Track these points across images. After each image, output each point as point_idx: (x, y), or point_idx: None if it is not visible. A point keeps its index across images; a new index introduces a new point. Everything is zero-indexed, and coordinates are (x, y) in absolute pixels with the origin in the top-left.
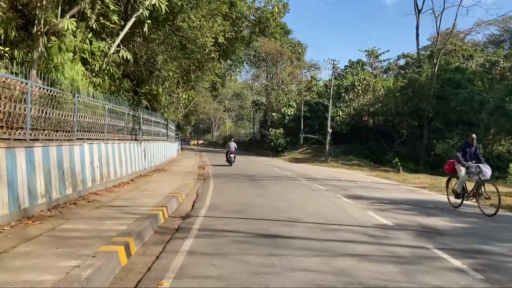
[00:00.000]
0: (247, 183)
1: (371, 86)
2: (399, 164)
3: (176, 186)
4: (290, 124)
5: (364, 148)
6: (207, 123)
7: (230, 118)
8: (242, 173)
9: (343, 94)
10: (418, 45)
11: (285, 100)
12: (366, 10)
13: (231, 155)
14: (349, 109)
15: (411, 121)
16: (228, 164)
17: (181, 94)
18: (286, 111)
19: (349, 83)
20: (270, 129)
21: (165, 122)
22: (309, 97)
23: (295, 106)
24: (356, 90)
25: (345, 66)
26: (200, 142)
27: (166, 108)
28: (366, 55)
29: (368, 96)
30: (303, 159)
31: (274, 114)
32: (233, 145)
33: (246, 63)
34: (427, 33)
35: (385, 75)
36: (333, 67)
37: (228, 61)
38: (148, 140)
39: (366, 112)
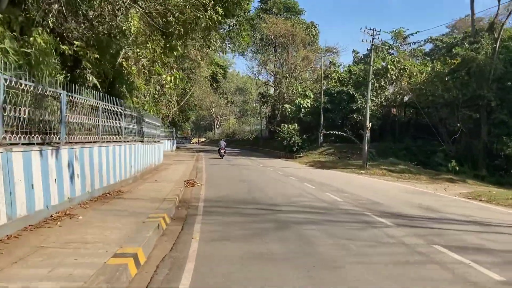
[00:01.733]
0: (274, 233)
1: (407, 71)
2: (457, 168)
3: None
4: (306, 118)
5: (400, 148)
6: (209, 120)
7: (233, 114)
8: (255, 195)
9: (372, 81)
10: (473, 13)
11: (299, 90)
12: None
13: (221, 151)
14: (379, 99)
15: (468, 112)
16: (220, 157)
17: (164, 76)
18: (301, 102)
19: (379, 67)
20: (282, 124)
21: (140, 116)
22: (328, 86)
23: (312, 97)
24: (389, 75)
25: (368, 49)
26: (202, 140)
27: (145, 97)
28: (392, 37)
29: (403, 83)
30: (329, 163)
31: (287, 106)
32: (223, 143)
33: (251, 49)
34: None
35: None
36: (373, 38)
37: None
38: (93, 142)
39: (400, 102)
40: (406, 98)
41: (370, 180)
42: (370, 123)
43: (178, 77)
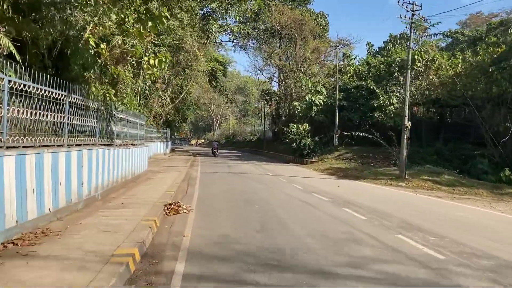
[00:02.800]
0: None
1: (436, 63)
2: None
3: None
4: (318, 117)
5: (430, 152)
6: (208, 121)
7: (233, 114)
8: (276, 239)
9: (395, 74)
10: None
11: (310, 85)
12: None
13: (214, 150)
14: (403, 95)
15: None
16: (213, 155)
17: (146, 58)
18: (313, 99)
19: (403, 58)
20: (291, 124)
21: (107, 109)
22: (343, 81)
23: (325, 93)
24: (416, 67)
25: (384, 42)
26: (201, 141)
27: (131, 90)
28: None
29: (431, 77)
30: (351, 170)
31: (296, 103)
32: (215, 143)
33: (253, 43)
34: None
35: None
36: (412, 15)
37: None
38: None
39: (426, 99)
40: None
41: (431, 201)
42: (409, 122)
43: (164, 60)
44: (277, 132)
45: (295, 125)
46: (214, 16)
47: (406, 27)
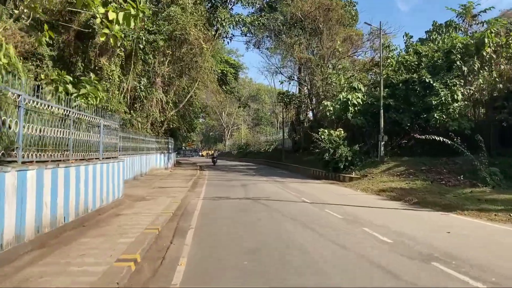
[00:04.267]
0: None
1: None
2: None
3: None
4: (356, 121)
5: None
6: (219, 130)
7: (245, 123)
8: None
9: (457, 63)
10: None
11: (342, 82)
12: None
13: (214, 159)
14: (469, 90)
15: None
16: (212, 164)
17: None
18: (349, 97)
19: (468, 43)
20: (321, 130)
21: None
22: (388, 74)
23: (363, 90)
24: (485, 53)
25: (426, 31)
26: (211, 152)
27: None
28: (458, 15)
29: (502, 66)
30: (424, 193)
31: (327, 103)
32: (215, 154)
33: (269, 40)
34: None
35: None
36: None
37: None
38: None
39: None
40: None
41: None
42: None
43: (134, 13)
44: (297, 141)
45: (326, 131)
46: (224, 3)
47: (457, 11)
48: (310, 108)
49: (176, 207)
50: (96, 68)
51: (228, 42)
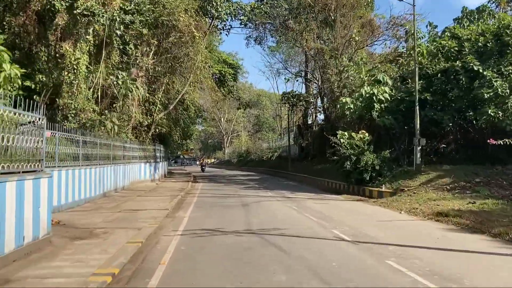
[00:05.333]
0: None
1: None
2: None
3: None
4: (383, 121)
5: None
6: (218, 138)
7: (246, 130)
8: None
9: None
10: None
11: (363, 75)
12: None
13: (203, 167)
14: None
15: None
16: (201, 171)
17: None
18: (374, 91)
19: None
20: (340, 133)
21: None
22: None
23: (390, 83)
24: None
25: (454, 19)
26: (210, 161)
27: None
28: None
29: None
30: (506, 218)
31: (347, 99)
32: (204, 163)
33: (271, 32)
34: None
35: None
36: None
37: None
38: None
39: None
40: None
41: None
42: None
43: None
44: (305, 147)
45: (345, 133)
46: None
47: None
48: (321, 108)
49: (130, 255)
50: (57, 55)
51: (226, 34)
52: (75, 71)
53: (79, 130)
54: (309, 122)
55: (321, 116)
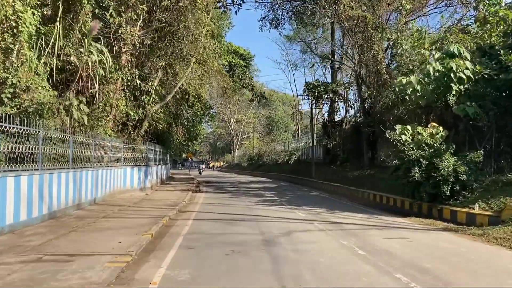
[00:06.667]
0: None
1: None
2: None
3: None
4: (467, 110)
5: None
6: (227, 139)
7: (256, 131)
8: None
9: None
10: None
11: (426, 47)
12: None
13: (201, 170)
14: None
15: None
16: (199, 174)
17: None
18: (452, 67)
19: None
20: (400, 127)
21: None
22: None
23: (469, 57)
24: None
25: None
26: (218, 164)
27: None
28: None
29: None
30: None
31: (411, 78)
32: (201, 166)
33: (290, 13)
34: None
35: None
36: None
37: None
38: None
39: None
40: None
41: None
42: None
43: None
44: (331, 149)
45: (408, 127)
46: None
47: None
48: (358, 99)
49: None
50: None
51: (235, 12)
52: (15, 30)
53: (19, 117)
54: (335, 119)
55: (351, 112)
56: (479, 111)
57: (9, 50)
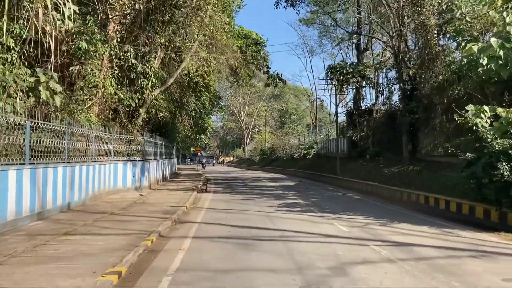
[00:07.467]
0: None
1: None
2: None
3: None
4: None
5: None
6: (237, 133)
7: (268, 125)
8: None
9: None
10: None
11: (498, 4)
12: None
13: (203, 165)
14: None
15: None
16: (202, 168)
17: None
18: None
19: None
20: (472, 107)
21: None
22: None
23: None
24: None
25: None
26: (228, 159)
27: None
28: None
29: None
30: None
31: (493, 40)
32: (203, 159)
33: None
34: None
35: None
36: None
37: None
38: None
39: None
40: None
41: None
42: None
43: None
44: (358, 142)
45: (486, 109)
46: None
47: None
48: (400, 79)
49: None
50: None
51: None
52: None
53: None
54: (363, 106)
55: (381, 99)
56: None
57: None
